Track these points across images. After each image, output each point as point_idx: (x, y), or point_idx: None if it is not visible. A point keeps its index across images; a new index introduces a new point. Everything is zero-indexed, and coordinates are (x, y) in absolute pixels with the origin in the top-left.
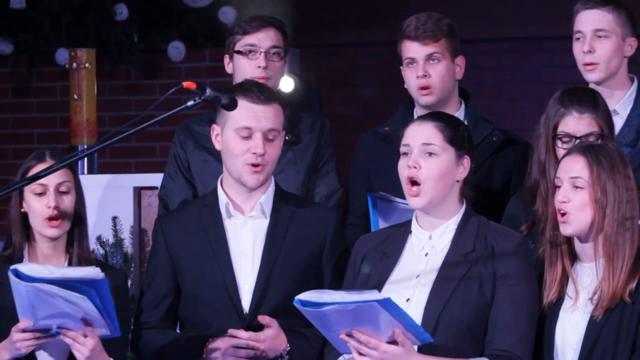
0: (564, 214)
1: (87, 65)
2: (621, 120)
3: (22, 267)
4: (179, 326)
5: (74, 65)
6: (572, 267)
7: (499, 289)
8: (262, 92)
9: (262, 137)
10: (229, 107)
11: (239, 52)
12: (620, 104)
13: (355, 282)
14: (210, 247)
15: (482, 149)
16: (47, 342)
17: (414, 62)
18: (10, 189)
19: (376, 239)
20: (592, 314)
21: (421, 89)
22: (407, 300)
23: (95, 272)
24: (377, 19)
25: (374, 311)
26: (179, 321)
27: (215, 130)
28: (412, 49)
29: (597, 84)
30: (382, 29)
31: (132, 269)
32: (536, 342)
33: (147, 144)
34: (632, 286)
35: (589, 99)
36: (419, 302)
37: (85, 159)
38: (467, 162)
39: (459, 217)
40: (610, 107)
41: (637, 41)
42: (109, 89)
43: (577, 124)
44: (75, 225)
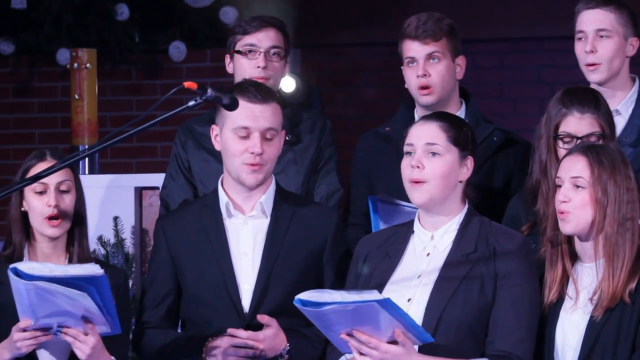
0: (563, 212)
1: (88, 65)
2: (623, 120)
3: (21, 266)
4: (180, 326)
5: (75, 65)
6: (572, 267)
7: (500, 290)
8: (259, 91)
9: (260, 136)
10: (230, 107)
11: (239, 52)
12: (622, 104)
13: (357, 282)
14: (210, 247)
15: (482, 149)
16: (47, 341)
17: (414, 62)
18: (11, 189)
19: (378, 239)
20: (592, 314)
21: (421, 88)
22: (409, 300)
23: (95, 269)
24: (378, 19)
25: (374, 311)
26: (180, 321)
27: (214, 130)
28: (413, 48)
29: (599, 84)
30: (383, 29)
31: (134, 269)
32: (536, 343)
33: (148, 144)
34: (632, 286)
35: (590, 99)
36: (420, 302)
37: (86, 159)
38: (470, 163)
39: (461, 218)
40: (612, 108)
41: (639, 41)
42: (110, 89)
43: (578, 124)
44: (75, 224)
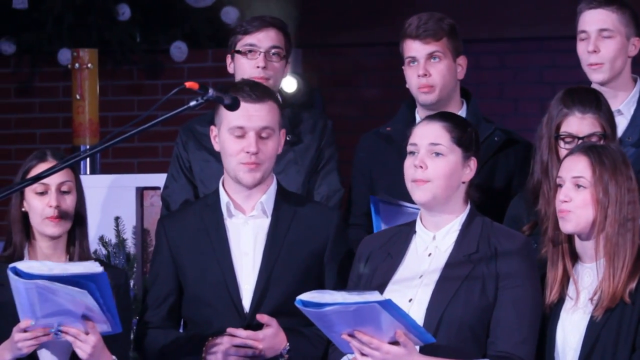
0: (564, 212)
1: (89, 65)
2: (625, 120)
3: (20, 265)
4: (182, 325)
5: (77, 65)
6: (573, 268)
7: (501, 290)
8: (253, 90)
9: (255, 135)
10: (232, 107)
11: (239, 52)
12: (624, 104)
13: (358, 282)
14: (211, 247)
15: (483, 149)
16: (49, 341)
17: (415, 61)
18: (12, 189)
19: (380, 239)
20: (592, 314)
21: (422, 88)
22: (410, 300)
23: (94, 266)
24: (379, 19)
25: (375, 312)
26: (182, 320)
27: (213, 131)
28: (414, 48)
29: (602, 84)
30: (384, 30)
31: (135, 269)
32: (537, 343)
33: (150, 144)
34: (632, 286)
35: (592, 99)
36: (422, 302)
37: (87, 159)
38: (473, 164)
39: (463, 218)
40: (614, 108)
41: None
42: (111, 89)
43: (579, 124)
44: (76, 225)
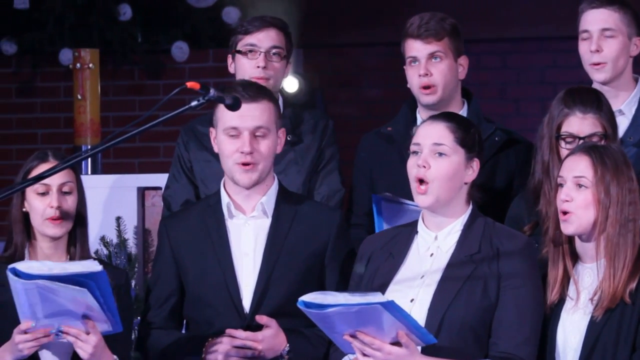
0: (565, 212)
1: (90, 65)
2: (627, 120)
3: (20, 265)
4: (185, 326)
5: (78, 65)
6: (573, 268)
7: (503, 291)
8: (246, 90)
9: (249, 135)
10: (233, 107)
11: (240, 52)
12: (625, 104)
13: (360, 282)
14: (212, 247)
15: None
16: (50, 342)
17: (416, 61)
18: (14, 190)
19: (382, 239)
20: (593, 314)
21: (423, 88)
22: (412, 300)
23: (93, 265)
24: (380, 19)
25: (378, 313)
26: (185, 321)
27: (212, 133)
28: (415, 47)
29: (604, 83)
30: (386, 30)
31: (136, 269)
32: (538, 343)
33: (151, 144)
34: (633, 286)
35: (593, 99)
36: (423, 302)
37: (89, 159)
38: (476, 165)
39: (465, 218)
40: (615, 108)
41: None
42: (112, 89)
43: (580, 124)
44: (77, 225)
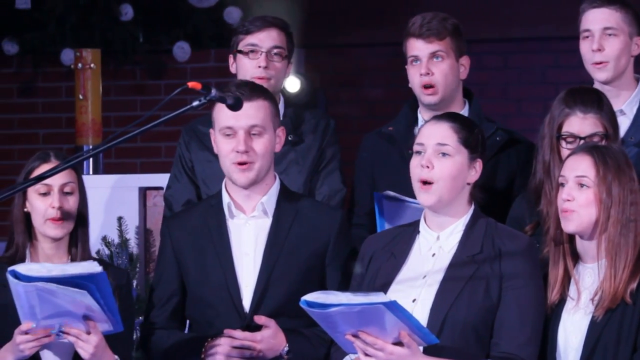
0: (566, 211)
1: (92, 65)
2: (628, 120)
3: (19, 268)
4: (188, 326)
5: (79, 65)
6: (574, 268)
7: (505, 291)
8: (240, 89)
9: (245, 134)
10: (234, 106)
11: (241, 52)
12: (626, 104)
13: (361, 282)
14: (213, 248)
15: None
16: (51, 342)
17: (417, 60)
18: (15, 190)
19: (384, 238)
20: (593, 314)
21: (424, 87)
22: (414, 300)
23: (93, 266)
24: (382, 19)
25: (380, 313)
26: (188, 321)
27: (212, 134)
28: (417, 47)
29: (605, 83)
30: (388, 30)
31: (138, 269)
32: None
33: (153, 144)
34: (633, 287)
35: (594, 99)
36: (425, 302)
37: (90, 160)
38: (479, 166)
39: (467, 219)
40: (616, 108)
41: None
42: (114, 89)
43: (581, 124)
44: (78, 226)
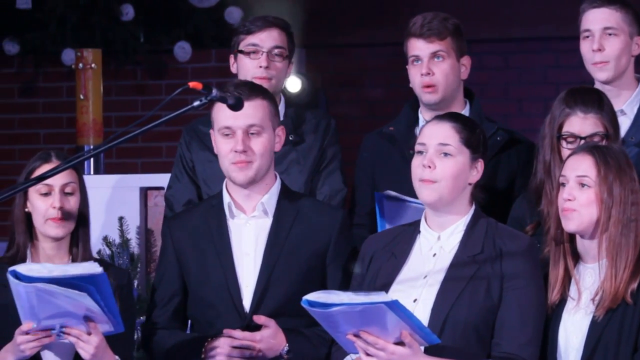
0: (568, 210)
1: (93, 65)
2: (628, 120)
3: (20, 268)
4: (190, 326)
5: (80, 65)
6: (574, 268)
7: (506, 291)
8: (238, 89)
9: (243, 134)
10: (235, 106)
11: (242, 52)
12: (627, 104)
13: (362, 282)
14: (214, 248)
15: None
16: (52, 342)
17: (418, 60)
18: (16, 189)
19: (384, 238)
20: (594, 314)
21: (425, 87)
22: (415, 300)
23: (93, 267)
24: (383, 19)
25: (382, 313)
26: (190, 321)
27: (212, 135)
28: (417, 47)
29: (606, 83)
30: (388, 30)
31: (139, 269)
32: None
33: (154, 144)
34: (634, 287)
35: (594, 99)
36: (426, 302)
37: (91, 160)
38: (480, 166)
39: (467, 219)
40: (617, 108)
41: None
42: (115, 89)
43: (581, 124)
44: (79, 226)
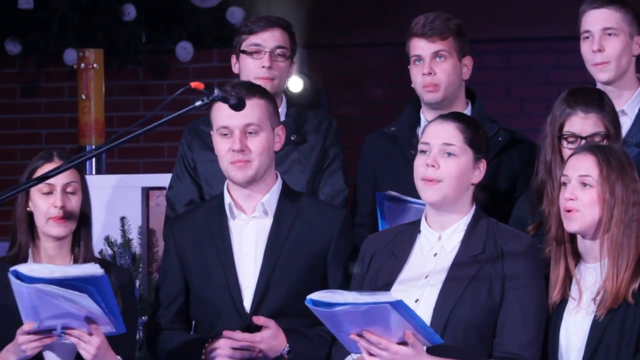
0: (570, 211)
1: (95, 65)
2: (629, 120)
3: (21, 268)
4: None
5: (82, 65)
6: (575, 268)
7: (508, 291)
8: (235, 89)
9: (240, 133)
10: (238, 106)
11: (244, 52)
12: (628, 104)
13: (362, 283)
14: (215, 249)
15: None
16: (54, 343)
17: (420, 60)
18: (19, 189)
19: (384, 238)
20: (595, 314)
21: (427, 86)
22: (416, 300)
23: (94, 269)
24: (385, 19)
25: (386, 312)
26: (193, 321)
27: (212, 135)
28: (419, 46)
29: (607, 83)
30: (390, 30)
31: (140, 269)
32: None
33: (155, 144)
34: (635, 287)
35: (595, 99)
36: (428, 302)
37: (93, 159)
38: (483, 166)
39: (468, 218)
40: (618, 108)
41: None
42: (117, 89)
43: (582, 124)
44: (81, 225)
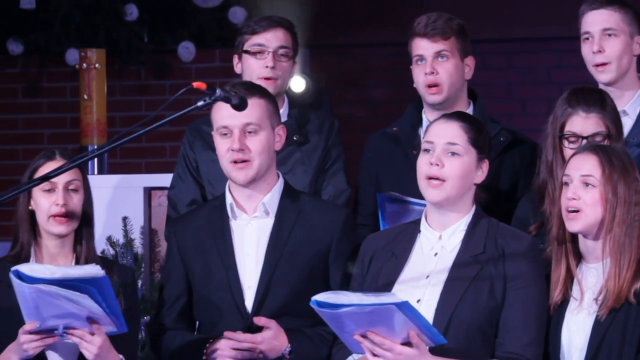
0: (572, 211)
1: (97, 65)
2: (631, 120)
3: (23, 268)
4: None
5: (84, 65)
6: (577, 268)
7: (509, 291)
8: (235, 88)
9: (240, 132)
10: (240, 106)
11: (247, 52)
12: (629, 105)
13: (362, 283)
14: (216, 249)
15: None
16: (56, 342)
17: (422, 59)
18: (21, 189)
19: (384, 238)
20: (597, 314)
21: (429, 86)
22: (418, 301)
23: (95, 270)
24: (387, 19)
25: (390, 313)
26: (197, 321)
27: (213, 136)
28: (421, 46)
29: (609, 84)
30: (392, 30)
31: (142, 269)
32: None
33: (157, 144)
34: (637, 286)
35: (596, 98)
36: (430, 302)
37: (95, 159)
38: (485, 167)
39: (469, 218)
40: (619, 108)
41: None
42: (119, 89)
43: (583, 123)
44: (82, 224)
